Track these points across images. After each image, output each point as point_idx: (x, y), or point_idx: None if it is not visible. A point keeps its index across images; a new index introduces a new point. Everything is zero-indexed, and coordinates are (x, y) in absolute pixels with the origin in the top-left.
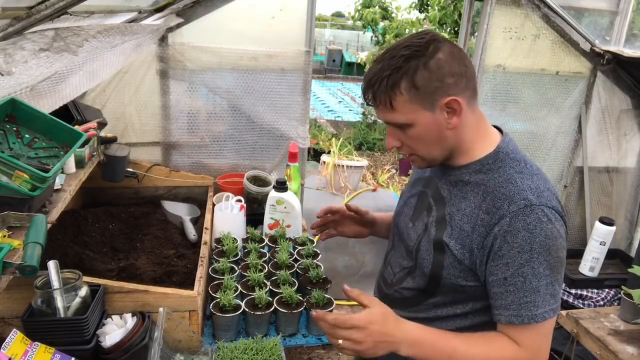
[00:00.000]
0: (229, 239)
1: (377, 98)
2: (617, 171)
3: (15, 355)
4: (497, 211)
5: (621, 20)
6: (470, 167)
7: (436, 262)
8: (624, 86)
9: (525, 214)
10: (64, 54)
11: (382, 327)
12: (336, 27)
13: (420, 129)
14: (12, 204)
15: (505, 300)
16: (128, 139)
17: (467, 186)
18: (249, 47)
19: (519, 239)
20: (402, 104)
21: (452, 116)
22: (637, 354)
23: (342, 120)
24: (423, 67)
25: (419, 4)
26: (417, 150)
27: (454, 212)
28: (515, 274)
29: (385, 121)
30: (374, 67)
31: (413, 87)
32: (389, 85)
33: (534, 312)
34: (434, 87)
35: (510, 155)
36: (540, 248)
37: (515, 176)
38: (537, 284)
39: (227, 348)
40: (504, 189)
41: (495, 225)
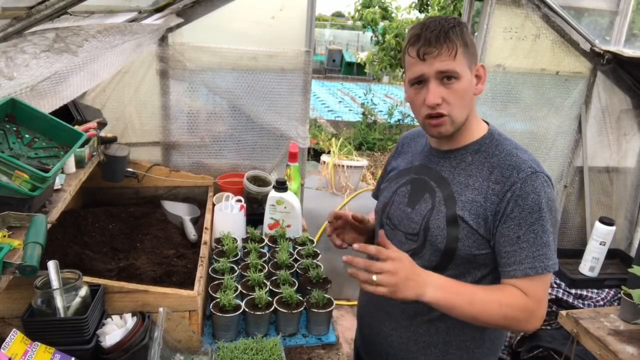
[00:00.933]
0: (229, 239)
1: (445, 45)
2: (617, 171)
3: (15, 355)
4: (507, 180)
5: (621, 20)
6: (469, 148)
7: (451, 237)
8: (624, 86)
9: (532, 179)
10: (64, 54)
11: (412, 265)
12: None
13: (464, 85)
14: (12, 204)
15: (520, 256)
16: (128, 139)
17: (471, 165)
18: (249, 47)
19: (529, 201)
20: (460, 55)
21: (478, 82)
22: (637, 354)
23: (342, 120)
24: (467, 32)
25: (419, 4)
26: (455, 108)
27: (461, 189)
28: (528, 231)
29: (439, 71)
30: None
31: (465, 44)
32: (457, 35)
33: (546, 264)
34: (473, 51)
35: (502, 136)
36: (546, 207)
37: (515, 151)
38: (546, 239)
39: (227, 348)
40: (509, 161)
41: (507, 191)
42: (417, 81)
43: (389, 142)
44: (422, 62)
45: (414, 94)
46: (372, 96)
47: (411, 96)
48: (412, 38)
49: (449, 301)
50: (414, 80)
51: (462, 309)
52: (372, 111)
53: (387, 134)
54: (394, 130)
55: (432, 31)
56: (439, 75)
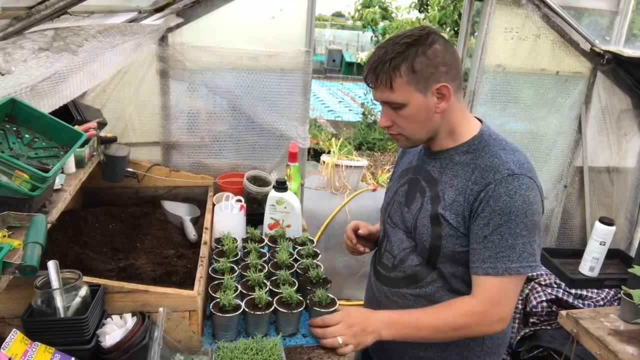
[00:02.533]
0: (229, 239)
1: (379, 78)
2: (617, 171)
3: (15, 355)
4: (483, 180)
5: (621, 20)
6: (459, 149)
7: (434, 234)
8: (624, 86)
9: (508, 181)
10: (63, 53)
11: (360, 315)
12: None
13: (412, 110)
14: (12, 204)
15: (483, 254)
16: (128, 139)
17: (457, 165)
18: (249, 47)
19: (500, 203)
20: (400, 85)
21: (441, 101)
22: (637, 354)
23: (342, 120)
24: (422, 54)
25: (418, 4)
26: (405, 129)
27: (446, 189)
28: (494, 232)
29: (381, 101)
30: (378, 52)
31: (411, 71)
32: (392, 67)
33: (508, 265)
34: (429, 73)
35: (493, 137)
36: (518, 211)
37: (500, 152)
38: (513, 242)
39: (227, 348)
40: (490, 162)
41: (481, 191)
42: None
43: (389, 142)
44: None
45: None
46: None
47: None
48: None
49: (401, 334)
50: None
51: (413, 337)
52: (372, 111)
53: (387, 134)
54: None
55: (374, 61)
56: (384, 103)
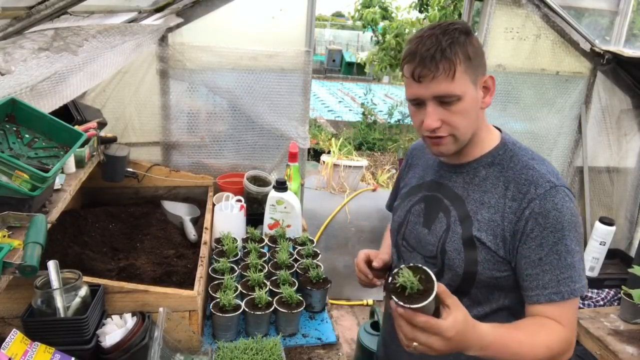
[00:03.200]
0: (229, 239)
1: (440, 66)
2: (617, 171)
3: (15, 355)
4: (524, 196)
5: (621, 20)
6: (482, 161)
7: (469, 260)
8: (624, 86)
9: (552, 194)
10: (63, 53)
11: (464, 336)
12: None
13: (467, 104)
14: (12, 204)
15: (542, 279)
16: (128, 139)
17: (485, 180)
18: (249, 47)
19: (551, 218)
20: (459, 74)
21: (485, 95)
22: (637, 354)
23: (342, 120)
24: (470, 43)
25: (418, 4)
26: (458, 128)
27: (477, 207)
28: (550, 252)
29: (435, 95)
30: (427, 42)
31: (467, 59)
32: (453, 53)
33: (572, 287)
34: (478, 62)
35: (517, 145)
36: (569, 225)
37: (531, 162)
38: (571, 260)
39: (227, 348)
40: (525, 175)
41: (525, 209)
42: (414, 102)
43: (389, 142)
44: (418, 84)
45: (413, 112)
46: (372, 96)
47: (410, 112)
48: (408, 55)
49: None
50: (410, 100)
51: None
52: (372, 111)
53: (387, 134)
54: (394, 130)
55: (428, 49)
56: (437, 98)
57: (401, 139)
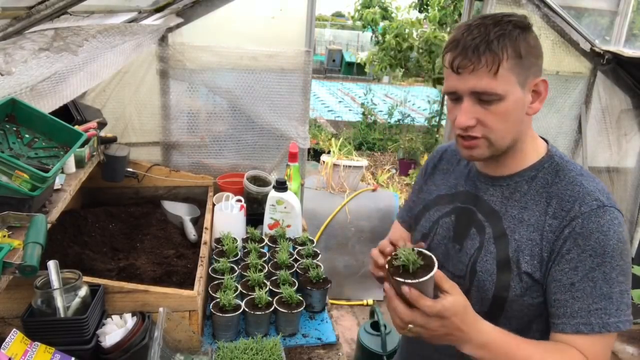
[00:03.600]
0: (229, 239)
1: (483, 59)
2: (617, 171)
3: (15, 355)
4: (566, 214)
5: (621, 20)
6: (525, 174)
7: (501, 283)
8: (624, 86)
9: (599, 215)
10: (63, 53)
11: (461, 322)
12: (336, 27)
13: (508, 106)
14: (12, 204)
15: (572, 307)
16: (128, 139)
17: (526, 196)
18: (249, 47)
19: (592, 241)
20: (505, 71)
21: (535, 100)
22: (637, 354)
23: (342, 120)
24: (524, 39)
25: (418, 4)
26: (494, 130)
27: (515, 225)
28: (585, 278)
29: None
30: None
31: (517, 56)
32: (501, 47)
33: (605, 320)
34: (530, 62)
35: (564, 159)
36: (613, 252)
37: (579, 179)
38: (608, 290)
39: (227, 348)
40: (571, 191)
41: (565, 227)
42: (450, 95)
43: (389, 142)
44: (457, 75)
45: (451, 107)
46: (372, 96)
47: (448, 108)
48: (450, 42)
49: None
50: (447, 93)
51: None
52: (372, 111)
53: (387, 134)
54: (394, 130)
55: (474, 38)
56: (475, 94)
57: (401, 139)
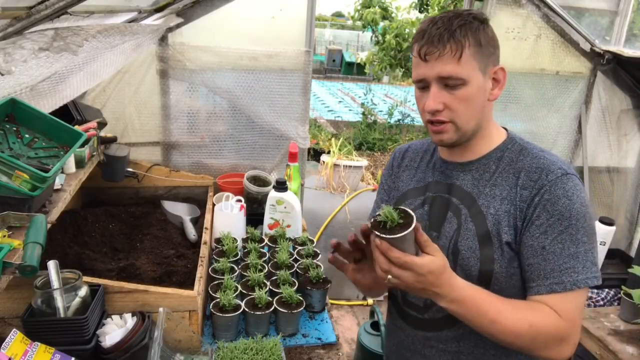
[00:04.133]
0: (229, 239)
1: (448, 46)
2: (617, 171)
3: (15, 355)
4: (534, 183)
5: (621, 20)
6: (491, 156)
7: (485, 257)
8: (624, 86)
9: (563, 182)
10: (63, 53)
11: (437, 279)
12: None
13: (472, 90)
14: (12, 204)
15: (544, 269)
16: (128, 139)
17: (495, 174)
18: (249, 47)
19: (559, 206)
20: (467, 57)
21: (495, 86)
22: (637, 354)
23: (342, 120)
24: (484, 29)
25: (419, 4)
26: (460, 115)
27: (489, 202)
28: (554, 241)
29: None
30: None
31: (477, 44)
32: (462, 35)
33: (575, 278)
34: (489, 52)
35: (525, 140)
36: (578, 215)
37: (542, 154)
38: (575, 250)
39: (227, 348)
40: (536, 163)
41: (535, 196)
42: (419, 83)
43: (389, 142)
44: (424, 62)
45: (419, 96)
46: (372, 96)
47: (416, 97)
48: (418, 34)
49: (465, 316)
50: (416, 81)
51: (481, 326)
52: (372, 111)
53: (387, 134)
54: (394, 130)
55: (438, 28)
56: (441, 80)
57: (401, 139)
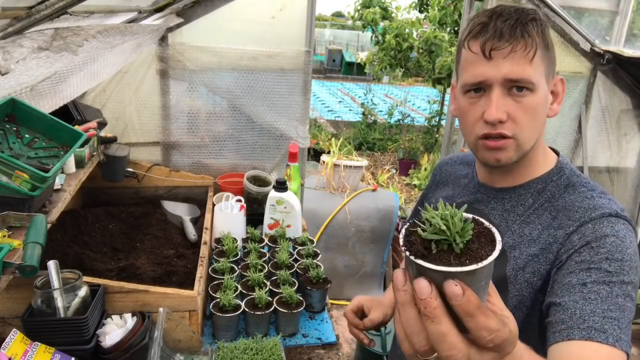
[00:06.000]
0: (229, 239)
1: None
2: (617, 171)
3: (15, 355)
4: (573, 222)
5: (621, 20)
6: (530, 187)
7: None
8: (624, 86)
9: (611, 221)
10: (63, 53)
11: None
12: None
13: (539, 100)
14: (12, 204)
15: (582, 310)
16: (128, 139)
17: (529, 210)
18: (249, 47)
19: (608, 244)
20: (539, 58)
21: (554, 100)
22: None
23: (342, 120)
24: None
25: (419, 3)
26: (523, 129)
27: (515, 241)
28: (600, 282)
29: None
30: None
31: (546, 45)
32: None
33: (618, 334)
34: (553, 57)
35: (575, 172)
36: (631, 262)
37: (591, 193)
38: (623, 302)
39: (227, 348)
40: (580, 203)
41: (572, 234)
42: (475, 87)
43: (389, 142)
44: (487, 60)
45: (468, 105)
46: (372, 96)
47: (463, 107)
48: (476, 28)
49: None
50: (471, 85)
51: None
52: (372, 111)
53: (387, 134)
54: (394, 130)
55: (506, 20)
56: (508, 83)
57: (401, 139)
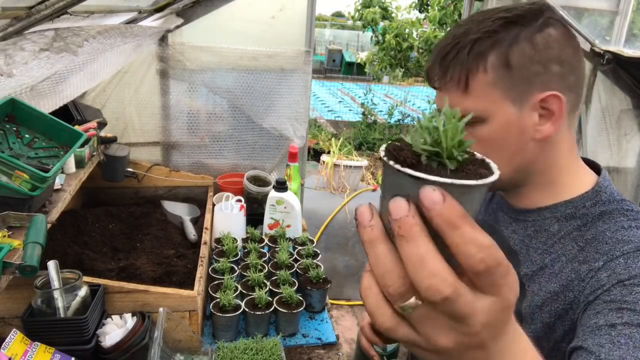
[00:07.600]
0: (229, 239)
1: (448, 73)
2: (617, 171)
3: (15, 355)
4: (600, 257)
5: (621, 20)
6: (558, 209)
7: None
8: (624, 86)
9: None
10: (64, 54)
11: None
12: (336, 27)
13: (494, 130)
14: (12, 204)
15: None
16: (128, 139)
17: (554, 238)
18: (249, 47)
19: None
20: (481, 86)
21: (545, 121)
22: None
23: (342, 120)
24: (526, 39)
25: (419, 3)
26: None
27: (534, 273)
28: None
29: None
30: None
31: (504, 65)
32: (472, 55)
33: None
34: (533, 72)
35: (616, 198)
36: None
37: (629, 223)
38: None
39: (227, 348)
40: (612, 233)
41: (599, 270)
42: None
43: None
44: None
45: None
46: (372, 96)
47: None
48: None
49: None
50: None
51: None
52: (372, 111)
53: (387, 134)
54: (394, 130)
55: (444, 47)
56: None
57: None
